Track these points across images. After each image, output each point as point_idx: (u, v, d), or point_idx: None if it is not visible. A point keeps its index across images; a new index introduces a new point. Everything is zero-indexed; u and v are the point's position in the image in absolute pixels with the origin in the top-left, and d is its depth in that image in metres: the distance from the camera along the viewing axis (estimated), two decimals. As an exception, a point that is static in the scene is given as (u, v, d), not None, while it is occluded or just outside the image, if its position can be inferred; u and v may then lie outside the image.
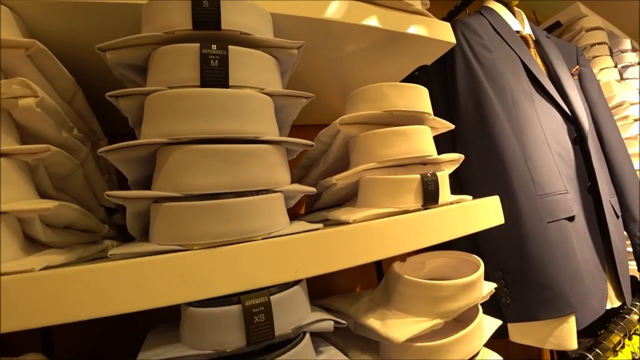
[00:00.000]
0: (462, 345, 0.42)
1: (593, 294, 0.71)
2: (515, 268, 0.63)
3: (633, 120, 1.10)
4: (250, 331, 0.30)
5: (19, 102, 0.31)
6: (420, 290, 0.42)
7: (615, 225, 0.82)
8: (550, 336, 0.61)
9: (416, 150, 0.47)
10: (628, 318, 0.97)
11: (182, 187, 0.31)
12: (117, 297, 0.27)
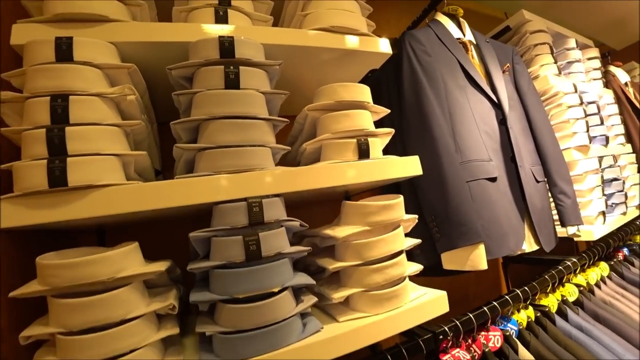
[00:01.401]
0: (383, 244, 0.71)
1: (510, 236, 0.99)
2: (442, 213, 0.92)
3: (566, 107, 1.39)
4: (250, 215, 0.59)
5: (127, 98, 0.61)
6: (355, 209, 0.72)
7: (534, 187, 1.11)
8: (467, 260, 0.90)
9: (357, 125, 0.77)
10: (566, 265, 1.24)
11: (215, 141, 0.61)
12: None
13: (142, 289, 0.57)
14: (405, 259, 0.75)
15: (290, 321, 0.61)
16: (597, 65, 1.82)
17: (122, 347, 0.52)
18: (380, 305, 0.70)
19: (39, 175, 0.52)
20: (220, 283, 0.58)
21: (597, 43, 2.20)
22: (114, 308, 0.52)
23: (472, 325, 0.93)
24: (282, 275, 0.61)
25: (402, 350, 0.80)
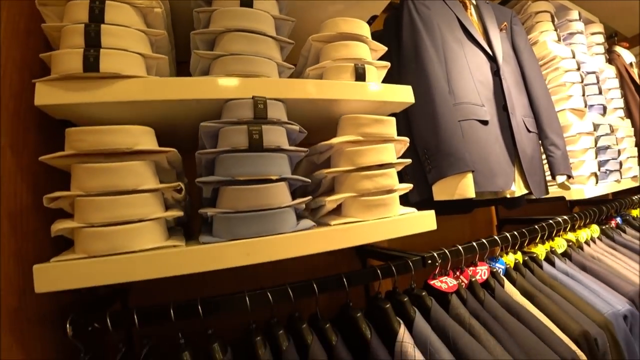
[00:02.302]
0: (374, 152, 0.79)
1: (499, 175, 1.08)
2: (433, 146, 1.01)
3: (563, 71, 1.47)
4: (255, 111, 0.68)
5: (154, 10, 0.70)
6: (349, 120, 0.81)
7: (526, 136, 1.19)
8: (456, 189, 0.98)
9: (355, 54, 0.86)
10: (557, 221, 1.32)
11: (228, 50, 0.71)
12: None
13: (154, 171, 0.67)
14: (395, 174, 0.84)
15: (285, 211, 0.70)
16: (600, 41, 1.89)
17: (131, 214, 0.60)
18: (369, 211, 0.79)
19: (75, 60, 0.61)
20: (224, 166, 0.67)
21: (607, 28, 2.26)
22: (128, 177, 0.61)
23: (460, 256, 1.01)
24: (280, 167, 0.70)
25: (392, 267, 0.89)
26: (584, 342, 0.90)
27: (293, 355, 0.71)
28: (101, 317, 0.67)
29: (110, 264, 0.57)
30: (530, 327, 0.89)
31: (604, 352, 0.94)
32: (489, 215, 1.68)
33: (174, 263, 0.61)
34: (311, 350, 0.73)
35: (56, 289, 0.55)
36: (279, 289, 0.76)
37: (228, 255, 0.63)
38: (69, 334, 0.64)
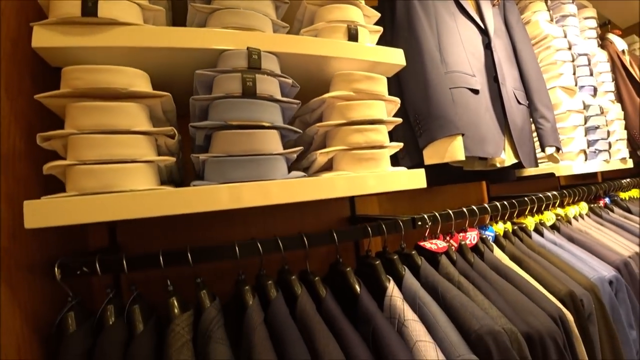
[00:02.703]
0: (365, 107, 0.80)
1: (489, 142, 1.09)
2: (424, 111, 1.02)
3: (555, 49, 1.48)
4: (250, 61, 0.69)
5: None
6: (341, 77, 0.82)
7: (516, 107, 1.21)
8: (446, 152, 0.99)
9: (348, 16, 0.87)
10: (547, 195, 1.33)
11: (223, 5, 0.71)
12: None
13: (148, 116, 0.67)
14: (386, 132, 0.84)
15: (276, 159, 0.70)
16: (593, 25, 1.90)
17: (124, 153, 0.61)
18: (360, 164, 0.79)
19: (73, 5, 0.61)
20: (218, 111, 0.67)
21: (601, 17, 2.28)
22: (122, 117, 0.61)
23: (450, 220, 1.02)
24: (273, 115, 0.71)
25: (383, 226, 0.89)
26: (569, 302, 0.91)
27: (281, 305, 0.71)
28: (90, 262, 0.67)
29: (100, 201, 0.57)
30: (518, 287, 0.90)
31: (589, 313, 0.95)
32: (479, 194, 1.68)
33: (164, 203, 0.61)
34: (299, 301, 0.73)
35: (46, 225, 0.55)
36: (269, 240, 0.77)
37: (219, 197, 0.63)
38: (57, 277, 0.64)
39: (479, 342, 0.70)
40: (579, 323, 0.90)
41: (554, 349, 0.78)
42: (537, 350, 0.77)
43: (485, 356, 0.68)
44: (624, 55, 2.12)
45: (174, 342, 0.60)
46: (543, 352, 0.77)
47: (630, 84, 2.04)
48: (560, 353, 0.79)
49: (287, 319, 0.68)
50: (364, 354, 0.65)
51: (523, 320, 0.79)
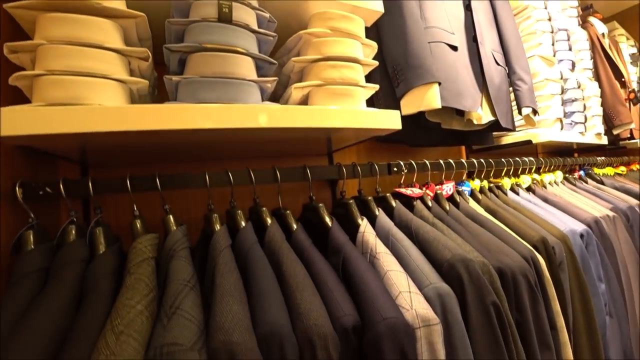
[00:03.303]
0: (340, 44, 0.77)
1: (466, 96, 1.07)
2: (402, 61, 1.00)
3: (535, 20, 1.47)
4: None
5: None
6: (318, 15, 0.79)
7: (494, 68, 1.20)
8: (422, 100, 0.97)
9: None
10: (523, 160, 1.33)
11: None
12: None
13: (122, 36, 0.63)
14: (362, 72, 0.82)
15: (250, 85, 0.68)
16: (574, 4, 1.90)
17: (95, 67, 0.57)
18: (334, 99, 0.77)
19: None
20: (193, 34, 0.65)
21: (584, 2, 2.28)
22: (95, 31, 0.58)
23: (426, 170, 1.01)
24: (248, 43, 0.68)
25: (357, 167, 0.87)
26: (542, 247, 0.91)
27: (249, 232, 0.68)
28: (54, 183, 0.63)
29: (70, 112, 0.54)
30: (492, 232, 0.90)
31: (560, 261, 0.95)
32: (459, 158, 1.68)
33: (135, 118, 0.57)
34: (269, 230, 0.71)
35: (12, 134, 0.52)
36: (241, 171, 0.74)
37: (191, 115, 0.60)
38: (19, 196, 0.61)
39: (450, 270, 0.68)
40: (551, 269, 0.90)
41: (525, 285, 0.78)
42: (509, 285, 0.76)
43: (456, 283, 0.67)
44: (603, 38, 2.14)
45: (134, 257, 0.57)
46: (515, 287, 0.76)
47: (608, 65, 2.05)
48: (532, 290, 0.79)
49: (254, 245, 0.66)
50: (332, 280, 0.63)
51: (496, 258, 0.78)
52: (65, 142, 0.62)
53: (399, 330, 0.55)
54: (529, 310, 0.77)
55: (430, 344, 0.59)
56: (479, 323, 0.66)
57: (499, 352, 0.66)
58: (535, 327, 0.78)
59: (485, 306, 0.66)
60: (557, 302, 0.88)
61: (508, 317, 0.70)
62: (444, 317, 0.63)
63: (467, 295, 0.66)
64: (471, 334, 0.65)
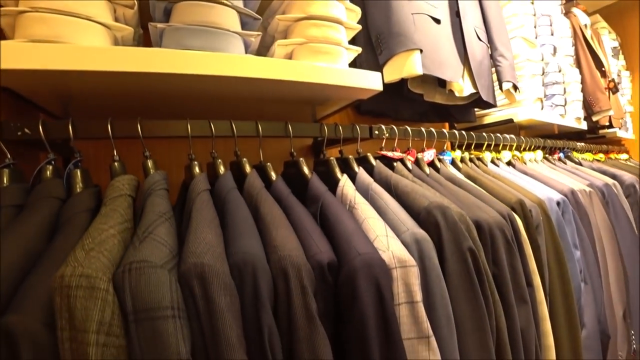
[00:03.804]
0: (323, 6, 0.77)
1: (448, 67, 1.08)
2: (385, 30, 1.00)
3: (519, 2, 1.49)
4: None
5: None
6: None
7: (476, 43, 1.20)
8: (404, 67, 0.97)
9: None
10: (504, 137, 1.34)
11: None
12: None
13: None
14: (344, 34, 0.82)
15: (234, 36, 0.67)
16: (558, -7, 1.92)
17: (79, 8, 0.56)
18: (316, 56, 0.77)
19: None
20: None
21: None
22: None
23: (407, 136, 1.01)
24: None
25: (339, 127, 0.87)
26: (519, 208, 0.91)
27: (229, 178, 0.68)
28: (33, 125, 0.62)
29: (55, 49, 0.53)
30: (471, 193, 0.90)
31: (537, 224, 0.96)
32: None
33: (120, 59, 0.57)
34: (248, 178, 0.70)
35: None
36: (223, 122, 0.73)
37: (174, 60, 0.60)
38: (-4, 136, 0.59)
39: (427, 216, 0.68)
40: (528, 229, 0.91)
41: (502, 239, 0.78)
42: (486, 238, 0.76)
43: (433, 229, 0.67)
44: (585, 28, 2.17)
45: (111, 193, 0.56)
46: (492, 240, 0.77)
47: (589, 54, 2.08)
48: (508, 244, 0.79)
49: (232, 190, 0.65)
50: (310, 223, 0.63)
51: (473, 213, 0.78)
52: (47, 83, 0.61)
53: (374, 266, 0.54)
54: (505, 264, 0.78)
55: (406, 285, 0.59)
56: (456, 268, 0.66)
57: (475, 298, 0.66)
58: (512, 281, 0.78)
59: (461, 252, 0.66)
60: (534, 262, 0.89)
61: (484, 265, 0.70)
62: (421, 261, 0.63)
63: (443, 241, 0.66)
64: (448, 279, 0.65)
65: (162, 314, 0.39)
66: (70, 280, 0.37)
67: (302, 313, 0.48)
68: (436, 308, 0.63)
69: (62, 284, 0.37)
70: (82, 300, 0.37)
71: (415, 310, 0.58)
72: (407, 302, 0.58)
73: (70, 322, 0.37)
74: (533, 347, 0.81)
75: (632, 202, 1.57)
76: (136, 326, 0.39)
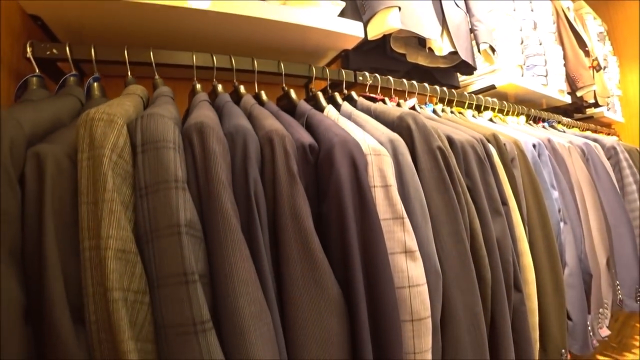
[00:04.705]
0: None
1: (427, 26, 1.16)
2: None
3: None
4: None
5: None
6: None
7: (454, 9, 1.29)
8: (384, 23, 1.06)
9: None
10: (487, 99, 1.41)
11: None
12: None
13: None
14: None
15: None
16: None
17: None
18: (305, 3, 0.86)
19: None
20: None
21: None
22: None
23: (390, 86, 1.09)
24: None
25: (326, 69, 0.96)
26: (492, 140, 0.98)
27: (227, 96, 0.76)
28: (60, 47, 0.71)
29: None
30: (446, 126, 0.97)
31: (512, 157, 1.02)
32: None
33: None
34: (244, 98, 0.79)
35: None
36: (223, 55, 0.82)
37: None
38: (28, 53, 0.69)
39: (400, 122, 0.76)
40: (502, 158, 0.97)
41: (473, 154, 0.85)
42: (458, 152, 0.83)
43: (406, 132, 0.75)
44: (569, 11, 2.25)
45: (125, 92, 0.65)
46: (464, 155, 0.84)
47: (572, 34, 2.15)
48: (481, 161, 0.86)
49: (230, 102, 0.74)
50: (296, 124, 0.70)
51: (445, 132, 0.85)
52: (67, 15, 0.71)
53: (349, 142, 0.62)
54: (478, 178, 0.84)
55: (380, 170, 0.66)
56: (427, 165, 0.73)
57: (447, 190, 0.72)
58: (485, 193, 0.84)
59: (432, 150, 0.73)
60: (509, 186, 0.95)
61: (455, 167, 0.77)
62: (395, 158, 0.71)
63: (415, 141, 0.73)
64: (420, 175, 0.72)
65: (165, 145, 0.47)
66: (94, 115, 0.46)
67: (284, 170, 0.56)
68: (410, 198, 0.69)
69: (87, 118, 0.46)
70: (102, 128, 0.45)
71: (390, 193, 0.65)
72: (382, 186, 0.65)
73: (90, 145, 0.44)
74: (510, 258, 0.84)
75: (613, 163, 1.63)
76: (142, 156, 0.47)
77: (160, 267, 0.44)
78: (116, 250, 0.39)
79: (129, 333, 0.38)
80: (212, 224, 0.47)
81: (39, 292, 0.39)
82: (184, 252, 0.44)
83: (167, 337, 0.42)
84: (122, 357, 0.37)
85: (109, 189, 0.41)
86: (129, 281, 0.40)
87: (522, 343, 0.87)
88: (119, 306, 0.38)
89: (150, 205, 0.44)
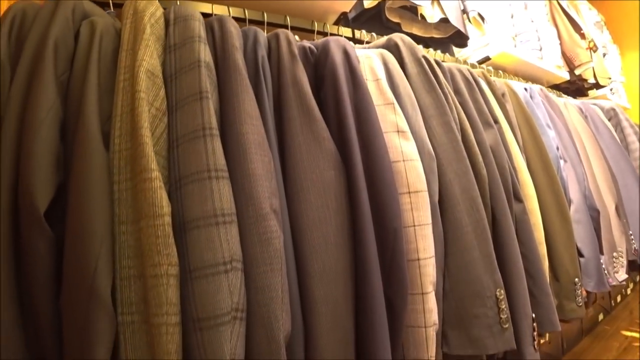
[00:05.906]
0: None
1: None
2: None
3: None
4: None
5: None
6: None
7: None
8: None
9: None
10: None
11: None
12: None
13: None
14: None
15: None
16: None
17: None
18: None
19: None
20: None
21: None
22: None
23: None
24: None
25: (326, 24, 1.08)
26: (481, 75, 1.06)
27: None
28: None
29: None
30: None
31: (503, 92, 1.09)
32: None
33: None
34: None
35: None
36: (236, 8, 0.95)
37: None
38: None
39: (388, 42, 0.86)
40: (491, 89, 1.03)
41: (460, 76, 0.93)
42: (445, 73, 0.91)
43: (394, 48, 0.84)
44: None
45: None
46: (451, 75, 0.92)
47: (566, 19, 2.21)
48: (468, 82, 0.94)
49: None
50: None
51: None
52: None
53: (343, 40, 0.73)
54: (467, 95, 0.91)
55: (371, 68, 0.76)
56: (414, 70, 0.81)
57: (433, 89, 0.79)
58: (475, 108, 0.90)
59: (417, 58, 0.82)
60: (501, 112, 1.00)
61: (441, 75, 0.84)
62: (386, 66, 0.80)
63: (402, 53, 0.82)
64: (410, 81, 0.80)
65: (192, 17, 0.58)
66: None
67: (286, 51, 0.66)
68: (400, 95, 0.77)
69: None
70: (143, 4, 0.57)
71: (380, 85, 0.74)
72: (373, 80, 0.74)
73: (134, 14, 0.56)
74: (506, 165, 0.87)
75: (614, 124, 1.64)
76: (174, 27, 0.58)
77: (182, 126, 0.52)
78: (146, 70, 0.49)
79: (150, 140, 0.46)
80: (225, 75, 0.57)
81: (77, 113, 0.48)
82: (204, 112, 0.53)
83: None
84: (140, 140, 0.45)
85: (147, 34, 0.52)
86: (153, 97, 0.50)
87: (530, 254, 0.87)
88: (143, 109, 0.47)
89: (177, 56, 0.55)
